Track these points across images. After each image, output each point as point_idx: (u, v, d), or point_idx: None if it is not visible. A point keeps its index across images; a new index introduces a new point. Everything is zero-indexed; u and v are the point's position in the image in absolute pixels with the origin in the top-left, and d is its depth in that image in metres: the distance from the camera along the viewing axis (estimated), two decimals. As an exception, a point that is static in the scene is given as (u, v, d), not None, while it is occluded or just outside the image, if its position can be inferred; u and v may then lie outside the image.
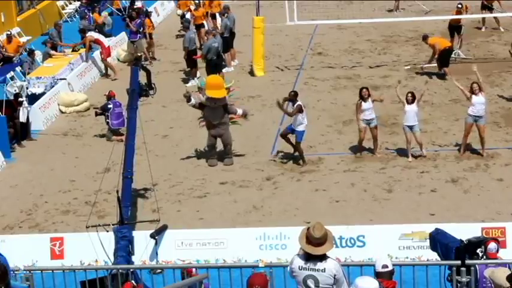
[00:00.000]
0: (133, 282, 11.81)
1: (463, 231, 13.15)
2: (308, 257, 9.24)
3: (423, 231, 14.69)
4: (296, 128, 18.98)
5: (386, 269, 9.91)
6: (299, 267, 9.30)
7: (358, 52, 28.22)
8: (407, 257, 14.62)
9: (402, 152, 19.48)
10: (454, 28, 27.06)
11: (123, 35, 30.04)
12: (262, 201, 17.67)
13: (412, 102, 18.88)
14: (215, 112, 19.24)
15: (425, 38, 25.38)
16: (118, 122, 21.50)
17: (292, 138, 19.40)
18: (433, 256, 12.86)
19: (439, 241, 12.02)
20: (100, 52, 27.43)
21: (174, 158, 20.17)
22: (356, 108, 19.42)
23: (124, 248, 13.52)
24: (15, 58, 27.08)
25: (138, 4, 33.02)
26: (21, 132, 21.85)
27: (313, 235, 9.14)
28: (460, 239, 11.76)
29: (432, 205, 17.04)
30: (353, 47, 28.80)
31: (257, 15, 26.65)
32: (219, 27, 27.59)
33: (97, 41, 27.43)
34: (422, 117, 20.21)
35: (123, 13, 33.12)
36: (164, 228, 15.54)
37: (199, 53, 25.80)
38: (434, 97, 23.27)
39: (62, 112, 24.05)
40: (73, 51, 28.12)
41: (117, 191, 14.67)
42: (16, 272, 11.77)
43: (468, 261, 11.07)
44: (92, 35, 27.59)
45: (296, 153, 19.50)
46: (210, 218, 17.01)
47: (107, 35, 29.32)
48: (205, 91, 19.43)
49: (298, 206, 17.32)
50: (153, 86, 18.99)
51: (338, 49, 28.65)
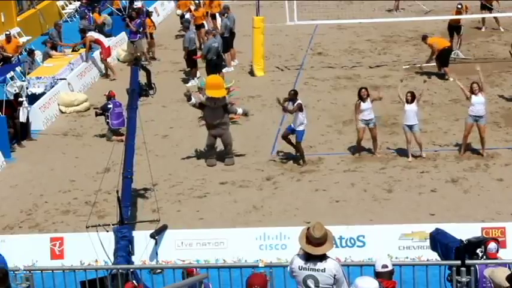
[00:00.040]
0: (134, 282, 11.80)
1: (463, 231, 13.15)
2: (308, 257, 9.24)
3: (423, 231, 14.70)
4: (296, 128, 18.99)
5: (386, 269, 9.92)
6: (299, 267, 9.30)
7: (358, 52, 28.21)
8: (407, 257, 14.62)
9: (402, 152, 19.48)
10: (454, 28, 27.04)
11: (123, 35, 30.04)
12: (262, 201, 17.67)
13: (412, 101, 18.88)
14: (215, 112, 19.23)
15: (424, 38, 25.37)
16: (118, 122, 21.50)
17: (292, 138, 19.40)
18: (433, 256, 12.86)
19: (439, 241, 12.02)
20: (100, 52, 27.43)
21: (174, 158, 20.17)
22: (355, 108, 19.43)
23: (124, 248, 13.52)
24: (13, 58, 27.06)
25: (138, 4, 33.00)
26: (21, 132, 21.84)
27: (313, 235, 9.15)
28: (460, 239, 11.77)
29: (432, 205, 17.04)
30: (353, 47, 28.79)
31: (257, 15, 26.64)
32: (219, 27, 27.58)
33: (97, 41, 27.43)
34: (422, 117, 20.20)
35: (123, 13, 33.11)
36: (164, 228, 15.54)
37: (199, 53, 25.81)
38: (434, 97, 23.27)
39: (62, 112, 24.05)
40: (73, 51, 28.13)
41: (117, 191, 14.67)
42: (16, 272, 11.76)
43: (468, 261, 11.06)
44: (92, 35, 27.59)
45: (298, 153, 19.50)
46: (210, 218, 17.01)
47: (107, 35, 29.32)
48: (205, 91, 19.43)
49: (298, 206, 17.32)
50: (153, 86, 19.01)
51: (338, 49, 28.64)
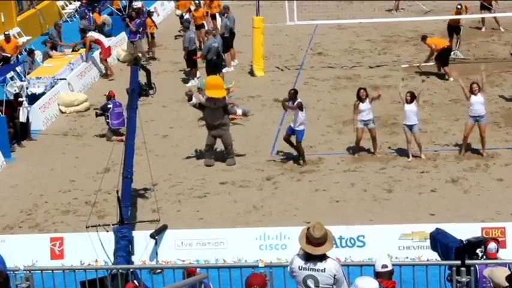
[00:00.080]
0: (135, 282, 11.80)
1: (463, 231, 13.15)
2: (308, 257, 9.24)
3: (423, 231, 14.70)
4: (296, 128, 18.97)
5: (386, 269, 9.93)
6: (299, 267, 9.30)
7: (358, 52, 28.21)
8: (407, 257, 14.61)
9: (402, 152, 19.48)
10: (453, 29, 26.99)
11: (123, 35, 30.04)
12: (262, 201, 17.66)
13: (411, 102, 18.87)
14: (215, 113, 19.23)
15: (424, 39, 25.36)
16: (118, 122, 21.50)
17: (293, 139, 19.36)
18: (433, 256, 12.86)
19: (439, 241, 12.02)
20: (99, 52, 27.43)
21: (174, 158, 20.17)
22: (353, 108, 19.41)
23: (124, 248, 13.52)
24: (12, 58, 27.05)
25: (138, 4, 33.00)
26: (21, 132, 21.84)
27: (313, 235, 9.15)
28: (460, 239, 11.77)
29: (432, 205, 17.03)
30: (353, 47, 28.79)
31: (257, 15, 26.64)
32: (219, 27, 27.57)
33: (97, 41, 27.43)
34: (422, 117, 20.20)
35: (123, 13, 33.12)
36: (164, 228, 15.54)
37: (199, 53, 25.80)
38: (434, 97, 23.26)
39: (62, 112, 24.04)
40: (73, 51, 28.13)
41: (117, 191, 14.67)
42: (16, 272, 11.76)
43: (468, 261, 11.07)
44: (93, 35, 27.59)
45: (298, 153, 19.48)
46: (210, 218, 17.01)
47: (107, 35, 29.32)
48: (204, 91, 19.41)
49: (298, 206, 17.32)
50: (153, 86, 19.01)
51: (338, 49, 28.64)
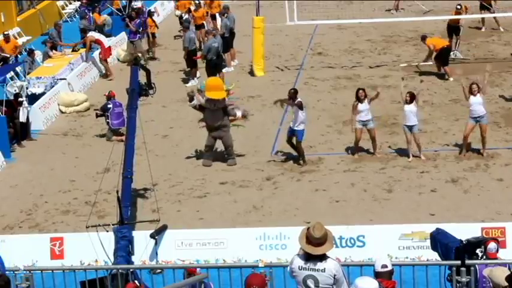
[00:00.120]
0: (136, 282, 11.80)
1: (463, 231, 13.15)
2: (308, 257, 9.25)
3: (423, 231, 14.70)
4: (296, 128, 18.96)
5: (385, 269, 9.93)
6: (299, 267, 9.31)
7: (358, 52, 28.21)
8: (407, 257, 14.61)
9: (402, 152, 19.47)
10: (453, 29, 26.94)
11: (123, 35, 30.04)
12: (262, 201, 17.66)
13: (411, 102, 18.86)
14: (215, 114, 19.23)
15: (423, 39, 25.34)
16: (118, 122, 21.49)
17: (294, 140, 19.34)
18: (433, 256, 12.86)
19: (440, 241, 12.02)
20: (99, 52, 27.43)
21: (174, 158, 20.16)
22: (352, 109, 19.39)
23: (124, 248, 13.51)
24: (11, 58, 27.04)
25: (138, 4, 32.99)
26: (21, 132, 21.84)
27: (313, 235, 9.15)
28: (460, 239, 11.77)
29: (432, 205, 17.03)
30: (353, 47, 28.79)
31: (257, 15, 26.64)
32: (219, 27, 27.56)
33: (97, 41, 27.42)
34: (422, 117, 20.20)
35: (122, 13, 33.12)
36: (164, 228, 15.54)
37: (199, 54, 25.79)
38: (434, 97, 23.26)
39: (62, 112, 24.04)
40: (73, 51, 28.13)
41: (117, 191, 14.67)
42: (16, 272, 11.77)
43: (468, 261, 11.07)
44: (93, 35, 27.59)
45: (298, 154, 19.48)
46: (210, 218, 17.00)
47: (107, 35, 29.32)
48: (204, 93, 19.39)
49: (298, 206, 17.31)
50: (153, 86, 19.01)
51: (338, 49, 28.64)
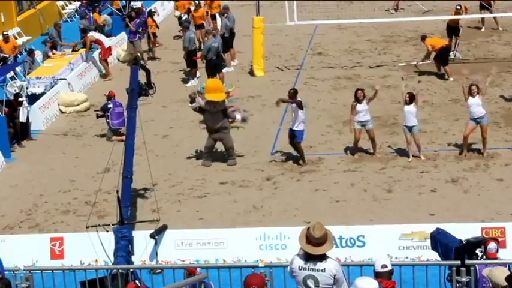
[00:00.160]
0: (137, 282, 11.80)
1: (463, 231, 13.14)
2: (308, 257, 9.25)
3: (423, 231, 14.71)
4: (295, 128, 18.95)
5: (385, 269, 9.93)
6: (299, 267, 9.31)
7: (358, 52, 28.20)
8: (407, 257, 14.61)
9: (402, 152, 19.47)
10: (452, 29, 26.89)
11: (123, 35, 30.04)
12: (262, 201, 17.66)
13: (410, 103, 18.85)
14: (215, 116, 19.23)
15: (423, 39, 25.32)
16: (118, 122, 21.48)
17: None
18: (433, 256, 12.86)
19: (440, 241, 12.02)
20: (99, 52, 27.43)
21: (174, 158, 20.16)
22: (350, 109, 19.38)
23: (124, 248, 13.52)
24: (9, 58, 27.04)
25: (138, 4, 33.00)
26: (21, 132, 21.84)
27: (313, 235, 9.15)
28: (460, 239, 11.77)
29: (432, 205, 17.03)
30: (353, 47, 28.79)
31: (257, 15, 26.64)
32: (219, 28, 27.54)
33: (97, 41, 27.42)
34: (422, 117, 20.19)
35: (122, 13, 33.12)
36: (164, 228, 15.54)
37: (199, 54, 25.78)
38: (434, 97, 23.26)
39: (62, 112, 24.04)
40: (73, 51, 28.13)
41: (117, 191, 14.67)
42: (16, 272, 11.77)
43: (468, 261, 11.07)
44: (93, 35, 27.58)
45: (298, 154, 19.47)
46: (210, 218, 17.00)
47: (107, 35, 29.32)
48: (204, 95, 19.38)
49: (298, 206, 17.31)
50: (153, 86, 19.01)
51: (338, 49, 28.63)
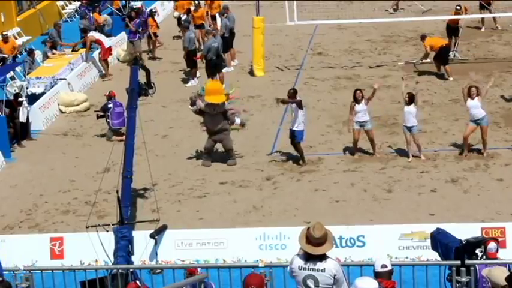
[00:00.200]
0: (138, 282, 11.80)
1: (463, 231, 13.14)
2: (308, 257, 9.24)
3: (423, 231, 14.71)
4: (295, 128, 18.95)
5: (385, 269, 9.93)
6: (299, 267, 9.30)
7: (358, 52, 28.21)
8: (407, 257, 14.61)
9: (402, 152, 19.47)
10: (452, 30, 26.88)
11: (123, 35, 30.05)
12: (262, 201, 17.66)
13: (410, 103, 18.84)
14: (215, 119, 19.23)
15: (423, 38, 25.34)
16: (119, 122, 21.47)
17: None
18: (433, 256, 12.86)
19: (440, 241, 12.02)
20: (98, 52, 27.43)
21: (174, 158, 20.16)
22: (349, 109, 19.38)
23: (124, 248, 13.52)
24: (8, 58, 27.03)
25: (137, 4, 33.00)
26: (21, 132, 21.84)
27: (313, 235, 9.15)
28: (460, 239, 11.77)
29: (432, 205, 17.03)
30: (353, 47, 28.79)
31: (257, 15, 26.64)
32: (219, 28, 27.52)
33: (98, 41, 27.42)
34: (422, 117, 20.20)
35: (122, 13, 33.12)
36: (164, 228, 15.54)
37: (199, 54, 25.76)
38: (434, 97, 23.26)
39: (62, 112, 24.04)
40: (73, 51, 28.12)
41: (117, 191, 14.67)
42: (16, 272, 11.77)
43: (468, 261, 11.07)
44: (93, 35, 27.58)
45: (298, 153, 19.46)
46: (210, 218, 17.00)
47: (107, 35, 29.32)
48: (204, 97, 19.37)
49: (298, 206, 17.31)
50: (153, 86, 19.00)
51: (338, 49, 28.64)
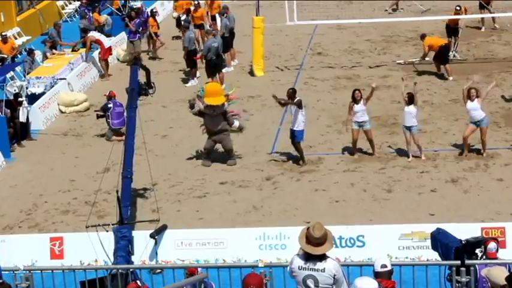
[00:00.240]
0: (138, 282, 11.80)
1: (463, 231, 13.13)
2: (308, 257, 9.25)
3: (423, 231, 14.72)
4: (295, 128, 18.95)
5: (385, 269, 9.93)
6: (299, 267, 9.31)
7: (358, 52, 28.20)
8: (407, 257, 14.61)
9: (402, 152, 19.47)
10: (451, 30, 26.89)
11: (123, 35, 30.05)
12: (262, 201, 17.66)
13: (410, 103, 18.84)
14: (215, 119, 19.23)
15: (423, 37, 25.35)
16: (119, 122, 21.47)
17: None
18: (433, 256, 12.86)
19: (440, 241, 12.01)
20: (98, 52, 27.43)
21: (174, 158, 20.16)
22: (348, 109, 19.37)
23: (124, 248, 13.52)
24: (7, 59, 27.02)
25: (137, 4, 33.00)
26: (21, 132, 21.84)
27: (313, 235, 9.15)
28: (460, 239, 11.77)
29: (432, 205, 17.03)
30: (353, 47, 28.79)
31: (257, 15, 26.63)
32: (219, 28, 27.51)
33: (98, 41, 27.42)
34: (422, 117, 20.20)
35: (122, 13, 33.12)
36: (164, 228, 15.54)
37: (199, 54, 25.76)
38: (434, 97, 23.26)
39: (62, 112, 24.04)
40: (73, 51, 28.12)
41: (116, 191, 14.67)
42: (16, 272, 11.77)
43: (468, 261, 11.06)
44: (94, 35, 27.58)
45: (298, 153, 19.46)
46: (210, 218, 17.00)
47: (107, 35, 29.32)
48: (203, 99, 19.38)
49: (298, 206, 17.31)
50: (153, 85, 18.99)
51: (338, 49, 28.64)
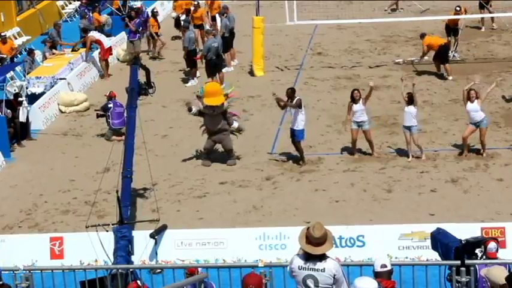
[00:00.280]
0: (138, 282, 11.80)
1: (463, 231, 13.13)
2: (308, 257, 9.25)
3: (423, 231, 14.72)
4: (295, 128, 18.95)
5: (385, 269, 9.93)
6: (299, 267, 9.31)
7: (358, 52, 28.21)
8: (406, 257, 14.61)
9: (402, 152, 19.47)
10: (451, 30, 26.90)
11: (123, 35, 30.05)
12: (262, 201, 17.66)
13: (409, 103, 18.83)
14: (214, 119, 19.24)
15: (422, 37, 25.35)
16: (119, 122, 21.46)
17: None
18: (433, 256, 12.86)
19: (440, 241, 12.01)
20: (98, 52, 27.43)
21: (174, 158, 20.16)
22: (347, 109, 19.37)
23: (124, 248, 13.52)
24: (6, 59, 27.01)
25: (137, 4, 33.00)
26: (21, 132, 21.84)
27: (313, 235, 9.15)
28: (460, 239, 11.77)
29: (432, 205, 17.03)
30: (353, 47, 28.79)
31: (257, 15, 26.63)
32: (219, 28, 27.51)
33: (98, 41, 27.41)
34: (422, 117, 20.20)
35: (122, 13, 33.12)
36: (164, 228, 15.54)
37: (199, 54, 25.75)
38: (434, 97, 23.26)
39: (62, 112, 24.04)
40: (73, 50, 28.11)
41: (116, 191, 14.67)
42: (16, 272, 11.77)
43: (468, 261, 11.06)
44: (94, 35, 27.57)
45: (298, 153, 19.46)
46: (210, 218, 17.01)
47: (107, 35, 29.32)
48: (203, 99, 19.38)
49: (298, 206, 17.31)
50: (153, 85, 18.98)
51: (338, 49, 28.64)
